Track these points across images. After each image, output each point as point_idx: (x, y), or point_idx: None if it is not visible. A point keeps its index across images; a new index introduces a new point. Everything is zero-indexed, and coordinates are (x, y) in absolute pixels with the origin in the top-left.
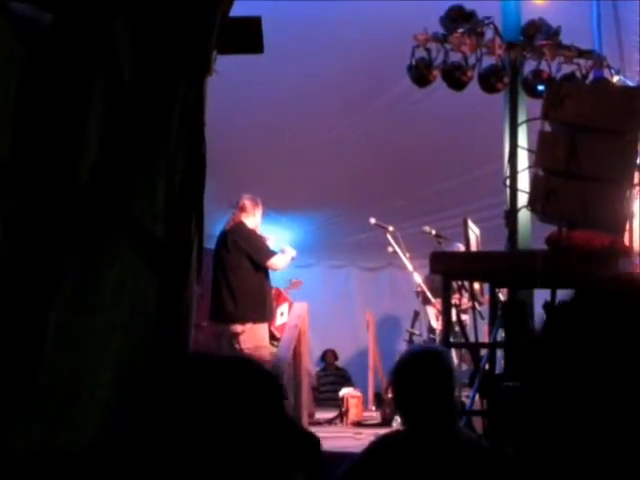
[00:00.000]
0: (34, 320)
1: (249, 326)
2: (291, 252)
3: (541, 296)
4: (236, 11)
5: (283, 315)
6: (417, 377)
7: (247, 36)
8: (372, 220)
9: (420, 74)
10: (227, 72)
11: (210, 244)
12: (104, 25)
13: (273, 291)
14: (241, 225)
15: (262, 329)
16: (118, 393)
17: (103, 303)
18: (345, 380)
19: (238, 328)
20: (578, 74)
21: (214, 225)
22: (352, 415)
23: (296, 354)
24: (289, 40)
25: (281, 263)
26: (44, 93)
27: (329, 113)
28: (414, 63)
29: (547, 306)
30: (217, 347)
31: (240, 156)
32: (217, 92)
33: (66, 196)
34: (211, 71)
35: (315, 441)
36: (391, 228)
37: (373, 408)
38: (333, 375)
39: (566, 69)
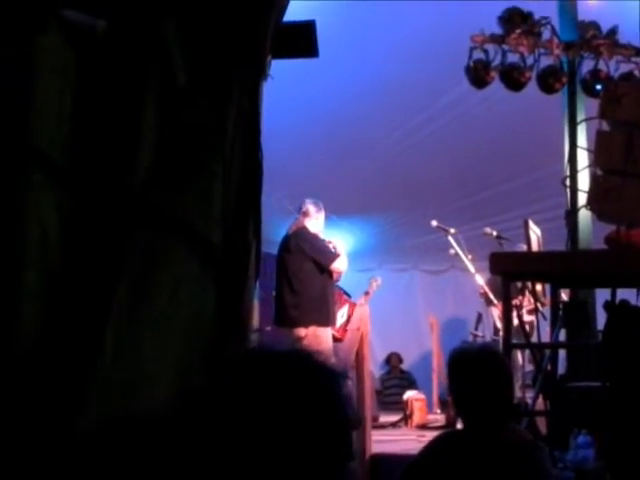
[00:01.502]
0: (91, 326)
1: (312, 329)
2: (340, 245)
3: (602, 296)
4: (290, 15)
5: (343, 317)
6: (468, 375)
7: (301, 40)
8: (434, 223)
9: (478, 75)
10: (285, 76)
11: (272, 249)
12: (157, 30)
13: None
14: (304, 229)
15: (326, 332)
16: (177, 402)
17: (159, 311)
18: (409, 383)
19: (302, 332)
20: (636, 73)
21: (276, 230)
22: (416, 418)
23: (358, 357)
24: (347, 42)
25: (344, 265)
26: (99, 99)
27: (391, 116)
28: (472, 64)
29: (608, 305)
30: None
31: (301, 161)
32: (275, 96)
33: (121, 200)
34: (266, 75)
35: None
36: (453, 230)
37: (438, 411)
38: (397, 378)
39: (624, 68)
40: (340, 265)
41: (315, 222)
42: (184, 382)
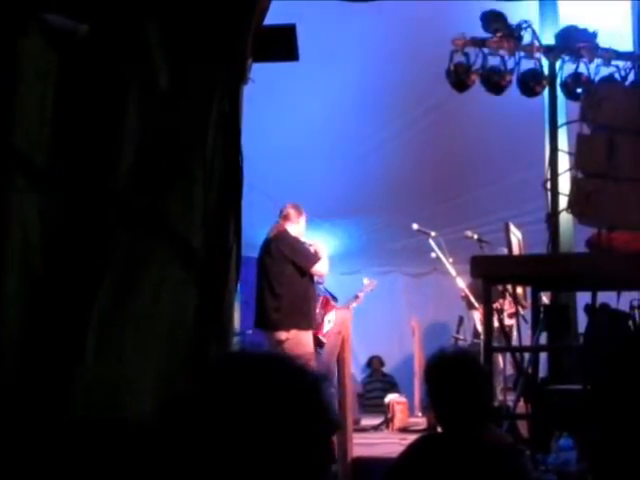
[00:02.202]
0: (74, 328)
1: (294, 333)
2: (321, 248)
3: (583, 299)
4: (270, 19)
5: (330, 322)
6: (444, 379)
7: (282, 44)
8: (415, 226)
9: (459, 79)
10: (265, 79)
11: (253, 253)
12: (139, 34)
13: (321, 299)
14: (285, 233)
15: (307, 336)
16: (158, 402)
17: (141, 312)
18: (391, 386)
19: (283, 335)
20: (617, 76)
21: (257, 234)
22: (398, 421)
23: (340, 360)
24: (328, 47)
25: (325, 268)
26: (81, 102)
27: (370, 120)
28: (452, 68)
29: (588, 308)
30: None
31: (281, 164)
32: (256, 100)
33: (103, 203)
34: (246, 79)
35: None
36: (433, 233)
37: (419, 414)
38: (379, 381)
39: (605, 71)
40: (321, 268)
41: (296, 226)
42: (166, 385)
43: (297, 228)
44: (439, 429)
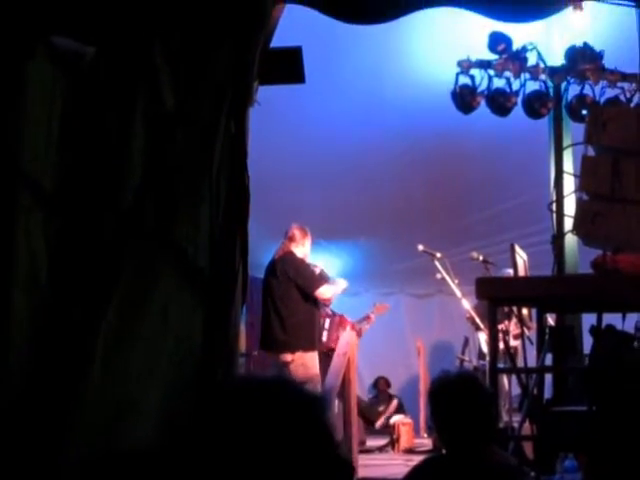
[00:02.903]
0: (81, 345)
1: (299, 355)
2: (342, 284)
3: (588, 320)
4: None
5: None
6: (447, 401)
7: (288, 66)
8: (420, 247)
9: (464, 100)
10: (271, 102)
11: (259, 273)
12: (145, 56)
13: (337, 318)
14: (290, 254)
15: (312, 357)
16: (162, 420)
17: (148, 331)
18: (397, 407)
19: (288, 357)
20: (622, 98)
21: (263, 254)
22: (403, 442)
23: (345, 382)
24: (330, 65)
25: (329, 293)
26: (87, 123)
27: (376, 141)
28: (458, 90)
29: (594, 330)
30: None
31: (288, 185)
32: (262, 122)
33: (109, 223)
34: (253, 101)
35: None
36: (439, 255)
37: (425, 435)
38: (385, 402)
39: (610, 93)
40: (325, 292)
41: (301, 248)
42: (171, 404)
43: (302, 250)
44: (444, 450)
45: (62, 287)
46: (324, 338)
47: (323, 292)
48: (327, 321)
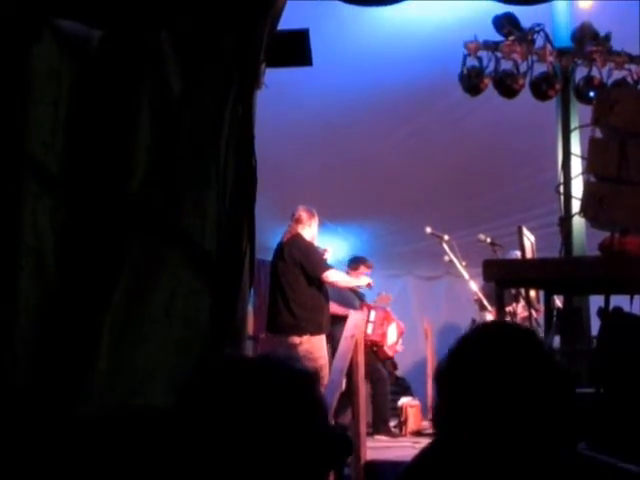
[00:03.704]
0: (87, 333)
1: (306, 337)
2: (364, 280)
3: (596, 303)
4: (282, 23)
5: (392, 335)
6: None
7: (295, 49)
8: (428, 229)
9: (472, 83)
10: (278, 84)
11: (267, 256)
12: (152, 40)
13: (382, 312)
14: (298, 237)
15: (320, 340)
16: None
17: (155, 317)
18: (404, 389)
19: (296, 340)
20: (630, 79)
21: (270, 237)
22: (411, 424)
23: (352, 364)
24: (340, 51)
25: (336, 277)
26: (94, 108)
27: (383, 122)
28: (465, 72)
29: (601, 312)
30: None
31: (295, 167)
32: (269, 105)
33: (118, 208)
34: (260, 84)
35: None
36: (446, 237)
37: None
38: (392, 385)
39: (617, 75)
40: (333, 277)
41: (308, 229)
42: (178, 390)
43: (310, 231)
44: None
45: (69, 273)
46: (369, 330)
47: (329, 275)
48: (373, 313)
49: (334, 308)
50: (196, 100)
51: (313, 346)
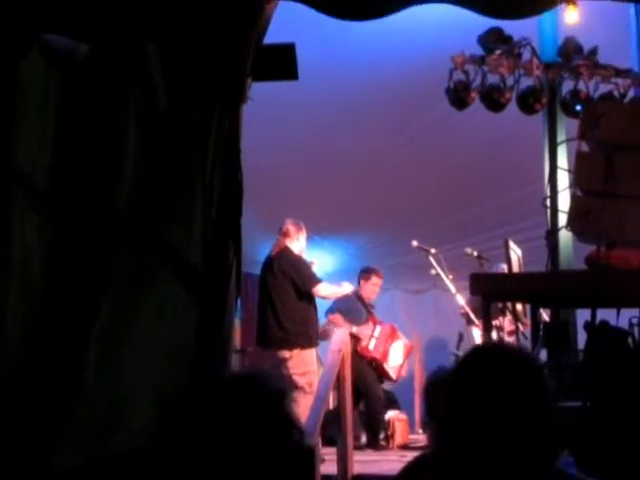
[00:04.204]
0: (75, 345)
1: (296, 352)
2: (347, 288)
3: (583, 316)
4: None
5: (396, 354)
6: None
7: (281, 63)
8: (414, 243)
9: (458, 96)
10: (265, 96)
11: (255, 270)
12: (139, 54)
13: (388, 328)
14: (286, 250)
15: (310, 354)
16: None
17: (143, 328)
18: (391, 403)
19: (286, 354)
20: (616, 93)
21: (258, 250)
22: (398, 438)
23: (340, 378)
24: (328, 64)
25: (327, 291)
26: (80, 121)
27: (369, 137)
28: (452, 85)
29: (588, 326)
30: None
31: (281, 181)
32: (255, 118)
33: (103, 222)
34: (246, 98)
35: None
36: (433, 250)
37: (420, 431)
38: None
39: (604, 88)
40: (324, 290)
41: (297, 243)
42: (165, 403)
43: (298, 245)
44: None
45: (57, 285)
46: (371, 346)
47: (320, 289)
48: (377, 329)
49: (338, 321)
50: (182, 114)
51: (303, 360)
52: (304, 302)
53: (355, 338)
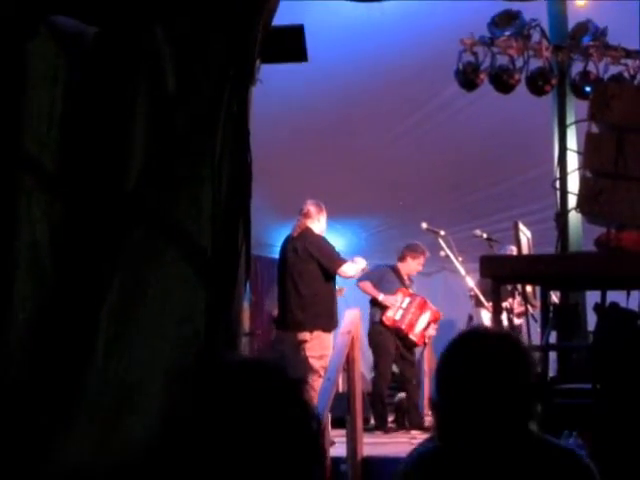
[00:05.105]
0: (81, 329)
1: (317, 334)
2: (361, 263)
3: (592, 298)
4: (278, 18)
5: (423, 322)
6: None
7: (290, 45)
8: (424, 225)
9: (467, 78)
10: (273, 80)
11: (266, 252)
12: (147, 37)
13: (419, 300)
14: (308, 231)
15: (328, 338)
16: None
17: (151, 313)
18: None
19: (306, 336)
20: (626, 74)
21: (268, 233)
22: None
23: (349, 360)
24: (336, 47)
25: (351, 271)
26: (89, 104)
27: (379, 120)
28: (461, 67)
29: (598, 308)
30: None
31: (293, 163)
32: (264, 101)
33: (114, 203)
34: (255, 80)
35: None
36: (443, 232)
37: (429, 413)
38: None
39: (614, 70)
40: (349, 270)
41: (317, 224)
42: (175, 385)
43: (319, 225)
44: None
45: (64, 270)
46: (397, 316)
47: (346, 270)
48: (406, 300)
49: (367, 288)
50: (191, 97)
51: (322, 343)
52: (327, 283)
53: (382, 307)
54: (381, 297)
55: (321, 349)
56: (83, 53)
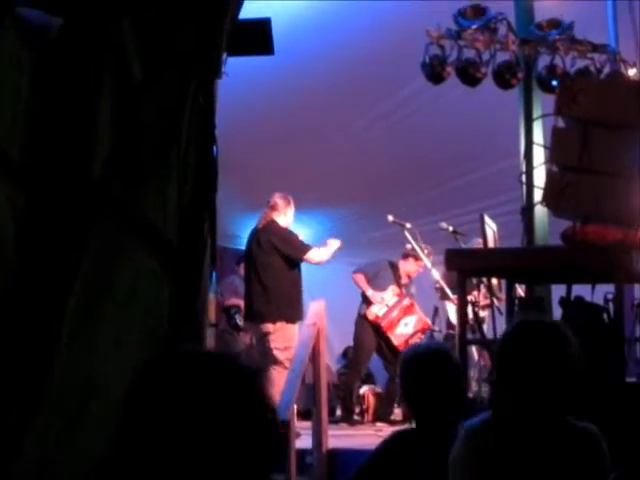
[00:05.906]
0: (47, 321)
1: (280, 325)
2: (335, 244)
3: (558, 292)
4: (245, 13)
5: (407, 326)
6: (418, 374)
7: (257, 38)
8: (390, 217)
9: (434, 71)
10: (239, 73)
11: (232, 244)
12: (113, 28)
13: (406, 302)
14: (273, 223)
15: (293, 329)
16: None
17: (116, 305)
18: (366, 377)
19: (270, 327)
20: (592, 68)
21: (235, 225)
22: (372, 412)
23: (315, 352)
24: (302, 40)
25: (319, 256)
26: (55, 94)
27: (345, 111)
28: (428, 60)
29: (563, 301)
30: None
31: (259, 154)
32: (230, 94)
33: (76, 196)
34: (221, 73)
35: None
36: (408, 225)
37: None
38: None
39: (580, 64)
40: (316, 256)
41: (284, 217)
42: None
43: (285, 219)
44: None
45: (29, 260)
46: (380, 313)
47: (312, 256)
48: (394, 299)
49: (360, 281)
50: (157, 88)
51: (285, 334)
52: (291, 275)
53: (367, 301)
54: (369, 292)
55: (285, 340)
56: (48, 43)
